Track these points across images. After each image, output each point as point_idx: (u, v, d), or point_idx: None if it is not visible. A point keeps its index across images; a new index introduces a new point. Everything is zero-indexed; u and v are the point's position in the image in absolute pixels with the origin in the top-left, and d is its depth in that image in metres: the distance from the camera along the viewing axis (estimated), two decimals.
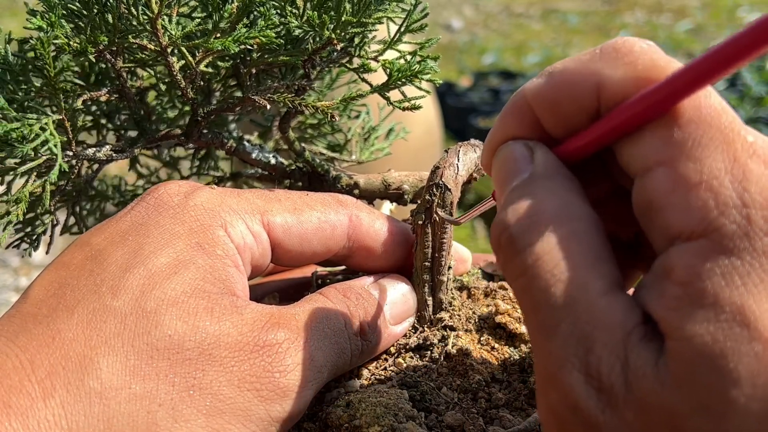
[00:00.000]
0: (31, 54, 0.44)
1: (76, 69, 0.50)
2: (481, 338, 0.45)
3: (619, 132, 0.30)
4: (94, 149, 0.47)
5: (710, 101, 0.28)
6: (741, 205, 0.26)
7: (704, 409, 0.25)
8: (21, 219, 0.43)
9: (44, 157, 0.42)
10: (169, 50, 0.43)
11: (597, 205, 0.33)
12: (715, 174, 0.27)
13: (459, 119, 3.16)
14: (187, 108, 0.53)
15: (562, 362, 0.28)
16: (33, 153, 0.41)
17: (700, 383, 0.25)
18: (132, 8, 0.41)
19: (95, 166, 0.50)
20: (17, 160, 0.42)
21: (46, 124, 0.41)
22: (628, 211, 0.31)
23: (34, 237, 0.49)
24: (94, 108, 0.52)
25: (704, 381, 0.25)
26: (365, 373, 0.43)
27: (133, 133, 0.51)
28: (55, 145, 0.41)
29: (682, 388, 0.26)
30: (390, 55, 0.46)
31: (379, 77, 0.46)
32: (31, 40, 0.42)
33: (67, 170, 0.43)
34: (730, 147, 0.27)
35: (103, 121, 0.52)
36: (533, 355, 0.31)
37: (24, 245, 0.49)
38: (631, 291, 0.30)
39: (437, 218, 0.44)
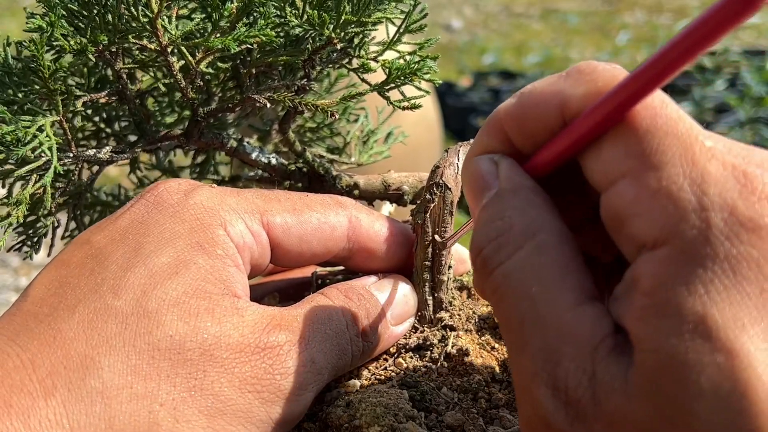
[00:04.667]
0: (26, 53, 0.44)
1: (76, 78, 0.50)
2: (481, 338, 0.45)
3: (578, 143, 0.30)
4: (95, 150, 0.47)
5: (666, 111, 0.28)
6: (700, 209, 0.26)
7: (669, 421, 0.25)
8: (21, 221, 0.43)
9: (44, 159, 0.42)
10: (169, 50, 0.44)
11: (576, 229, 0.33)
12: (674, 179, 0.27)
13: (459, 119, 3.16)
14: (186, 113, 0.53)
15: (531, 376, 0.28)
16: (32, 155, 0.42)
17: (664, 396, 0.25)
18: (132, 8, 0.42)
19: (95, 169, 0.50)
20: (18, 162, 0.42)
21: (42, 126, 0.41)
22: (607, 233, 0.31)
23: (35, 239, 0.49)
24: (93, 113, 0.52)
25: (668, 393, 0.25)
26: (365, 373, 0.43)
27: (133, 138, 0.51)
28: (50, 148, 0.41)
29: (648, 400, 0.26)
30: (390, 56, 0.47)
31: (378, 79, 0.46)
32: (26, 42, 0.42)
33: (62, 172, 0.43)
34: (687, 152, 0.27)
35: (103, 125, 0.52)
36: (510, 370, 0.31)
37: (25, 248, 0.49)
38: None
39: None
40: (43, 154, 0.41)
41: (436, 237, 0.45)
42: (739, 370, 0.24)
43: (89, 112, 0.52)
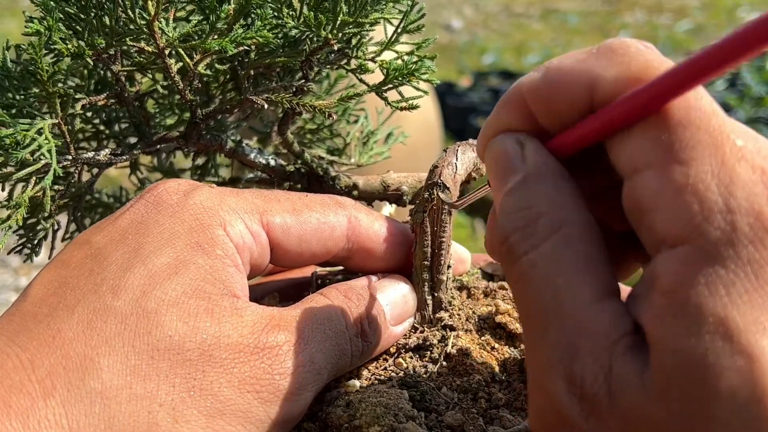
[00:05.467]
0: (25, 56, 0.44)
1: (76, 80, 0.50)
2: (481, 338, 0.45)
3: (609, 130, 0.29)
4: (94, 152, 0.47)
5: (700, 103, 0.28)
6: (726, 211, 0.26)
7: (686, 423, 0.25)
8: (20, 224, 0.43)
9: (42, 162, 0.42)
10: (166, 52, 0.44)
11: (595, 196, 0.33)
12: (702, 177, 0.26)
13: (459, 119, 3.16)
14: (186, 114, 0.53)
15: (547, 369, 0.28)
16: (31, 158, 0.42)
17: (682, 397, 0.25)
18: (129, 11, 0.42)
19: (95, 171, 0.50)
20: (17, 165, 0.42)
21: (41, 129, 0.41)
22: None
23: (35, 242, 0.49)
24: (92, 115, 0.52)
25: (686, 395, 0.25)
26: (365, 373, 0.43)
27: (132, 140, 0.51)
28: (49, 150, 0.41)
29: (665, 400, 0.25)
30: (388, 56, 0.47)
31: (377, 79, 0.46)
32: (24, 45, 0.42)
33: (61, 174, 0.43)
34: (718, 150, 0.27)
35: (102, 127, 0.53)
36: (525, 360, 0.31)
37: (26, 250, 0.49)
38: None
39: (437, 201, 0.44)
40: (42, 157, 0.41)
41: (443, 197, 0.44)
42: (759, 375, 0.24)
43: (89, 114, 0.52)
